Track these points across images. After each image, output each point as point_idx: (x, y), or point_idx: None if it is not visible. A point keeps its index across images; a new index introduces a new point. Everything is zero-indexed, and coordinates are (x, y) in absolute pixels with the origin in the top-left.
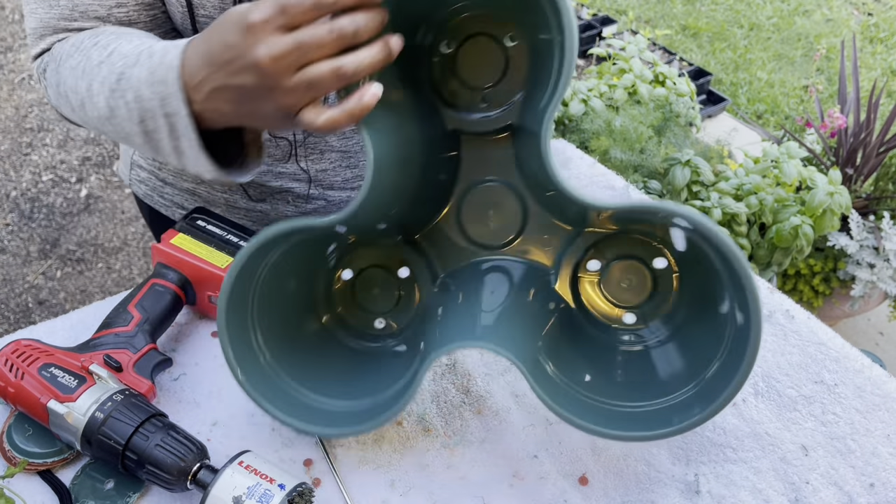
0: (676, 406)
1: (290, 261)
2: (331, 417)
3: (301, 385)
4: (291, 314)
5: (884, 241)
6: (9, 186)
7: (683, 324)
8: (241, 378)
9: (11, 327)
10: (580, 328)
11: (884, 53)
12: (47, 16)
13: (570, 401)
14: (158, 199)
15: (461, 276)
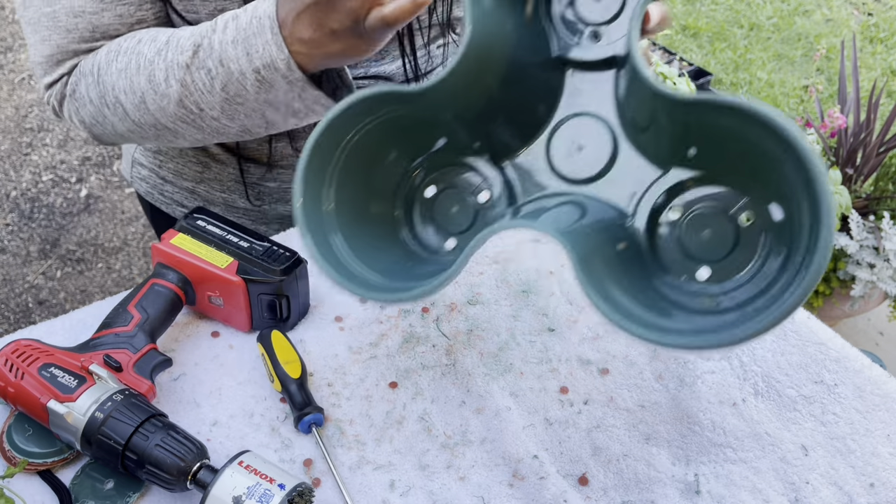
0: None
1: (381, 142)
2: (367, 283)
3: (349, 247)
4: (367, 190)
5: (884, 241)
6: (9, 186)
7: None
8: (298, 205)
9: (11, 327)
10: (647, 276)
11: (884, 53)
12: (65, 40)
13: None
14: (159, 197)
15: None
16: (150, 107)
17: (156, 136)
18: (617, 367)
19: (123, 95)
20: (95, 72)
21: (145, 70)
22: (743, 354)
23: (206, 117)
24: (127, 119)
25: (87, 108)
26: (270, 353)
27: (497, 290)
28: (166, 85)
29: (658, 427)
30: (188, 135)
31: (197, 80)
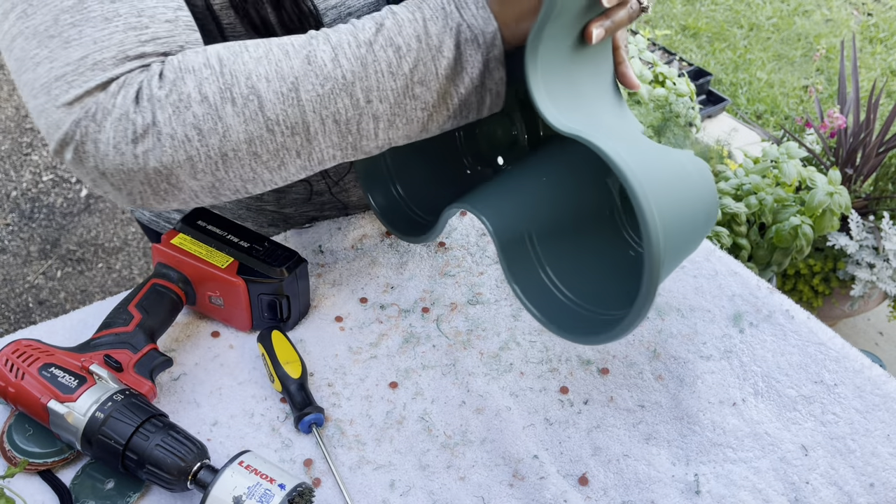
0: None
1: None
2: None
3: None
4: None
5: (883, 241)
6: (9, 186)
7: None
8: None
9: (12, 327)
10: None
11: (883, 53)
12: (103, 33)
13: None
14: (164, 225)
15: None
16: (304, 94)
17: (279, 147)
18: (617, 367)
19: (264, 83)
20: (215, 64)
21: (298, 54)
22: (743, 354)
23: (365, 116)
24: (258, 117)
25: (193, 110)
26: (271, 353)
27: (497, 290)
28: (334, 66)
29: (658, 427)
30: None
31: (381, 59)
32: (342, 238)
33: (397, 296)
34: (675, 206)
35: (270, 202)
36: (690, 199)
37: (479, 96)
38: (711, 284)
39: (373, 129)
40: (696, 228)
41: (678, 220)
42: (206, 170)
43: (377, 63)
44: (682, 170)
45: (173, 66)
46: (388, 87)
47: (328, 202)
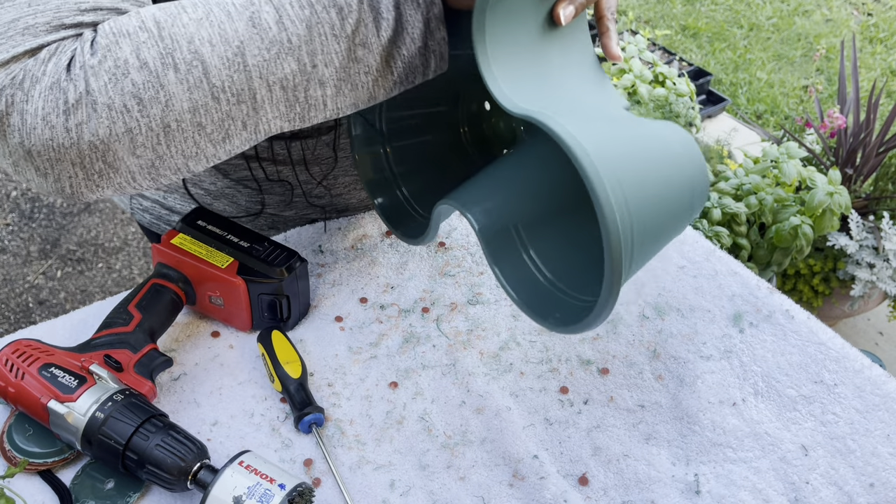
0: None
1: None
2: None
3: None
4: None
5: (883, 241)
6: (9, 186)
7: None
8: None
9: (12, 327)
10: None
11: (883, 53)
12: (54, 2)
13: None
14: (165, 227)
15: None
16: (251, 59)
17: (225, 116)
18: (617, 367)
19: (208, 48)
20: (151, 27)
21: (241, 15)
22: (743, 354)
23: (313, 81)
24: (202, 84)
25: (131, 77)
26: (271, 353)
27: (497, 290)
28: (279, 28)
29: (658, 427)
30: (272, 111)
31: (324, 21)
32: (342, 238)
33: (397, 296)
34: (646, 186)
35: (270, 206)
36: (668, 178)
37: (423, 58)
38: (711, 284)
39: (320, 95)
40: (676, 209)
41: (650, 200)
42: (147, 144)
43: (321, 25)
44: (660, 145)
45: (105, 30)
46: (332, 51)
47: (328, 205)
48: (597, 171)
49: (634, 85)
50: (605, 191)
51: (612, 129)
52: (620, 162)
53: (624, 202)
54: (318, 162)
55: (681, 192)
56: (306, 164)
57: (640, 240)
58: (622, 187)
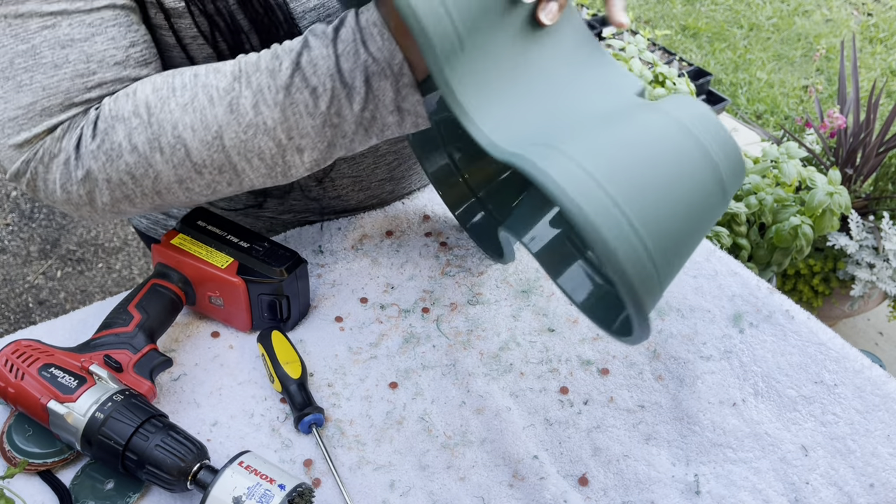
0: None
1: None
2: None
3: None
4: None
5: (883, 241)
6: (9, 186)
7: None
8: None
9: (11, 327)
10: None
11: (884, 53)
12: (52, 80)
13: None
14: (161, 231)
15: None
16: (227, 142)
17: (208, 183)
18: (617, 367)
19: (190, 133)
20: (143, 112)
21: (222, 101)
22: (743, 355)
23: (289, 149)
24: (185, 163)
25: (124, 159)
26: (271, 354)
27: (497, 290)
28: (255, 113)
29: (658, 427)
30: (252, 177)
31: (298, 102)
32: (342, 238)
33: (397, 296)
34: (659, 200)
35: (268, 208)
36: (683, 177)
37: (398, 118)
38: (711, 284)
39: (298, 159)
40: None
41: (666, 213)
42: (145, 202)
43: (295, 106)
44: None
45: (105, 114)
46: (307, 125)
47: (326, 207)
48: (588, 218)
49: None
50: (601, 235)
51: (609, 142)
52: (621, 184)
53: (630, 229)
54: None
55: (703, 189)
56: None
57: (664, 259)
58: (626, 214)
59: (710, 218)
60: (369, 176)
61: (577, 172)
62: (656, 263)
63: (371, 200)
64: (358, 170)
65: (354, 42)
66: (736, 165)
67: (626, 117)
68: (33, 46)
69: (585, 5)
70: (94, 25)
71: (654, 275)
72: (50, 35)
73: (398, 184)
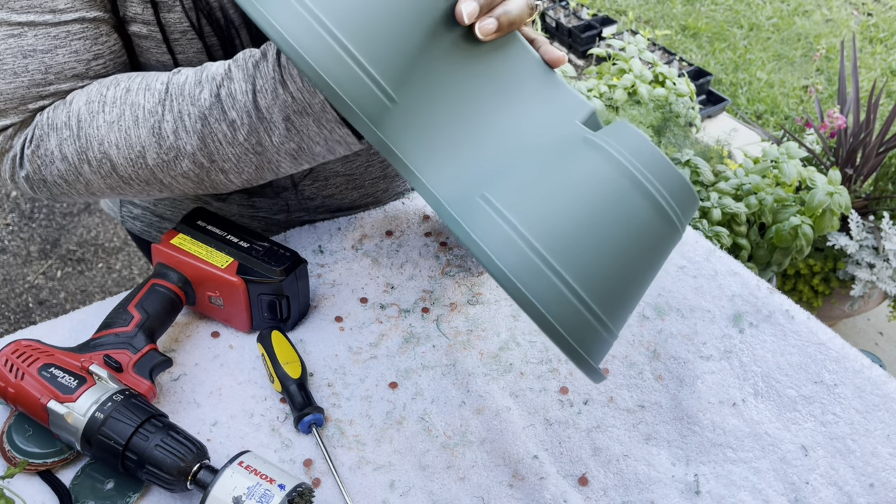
0: None
1: None
2: None
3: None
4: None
5: (883, 241)
6: (9, 186)
7: None
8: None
9: (11, 327)
10: None
11: (883, 53)
12: (11, 86)
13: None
14: (156, 234)
15: None
16: (150, 161)
17: (139, 191)
18: (617, 367)
19: (115, 150)
20: (73, 125)
21: (146, 122)
22: (743, 354)
23: (213, 170)
24: (112, 175)
25: (56, 165)
26: (270, 354)
27: (497, 290)
28: (175, 138)
29: (658, 427)
30: (182, 188)
31: (217, 132)
32: (342, 238)
33: (397, 296)
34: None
35: (262, 209)
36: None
37: (326, 148)
38: (711, 284)
39: (223, 179)
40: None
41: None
42: (83, 198)
43: (213, 135)
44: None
45: (42, 121)
46: (228, 153)
47: (320, 206)
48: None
49: (634, 85)
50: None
51: (540, 186)
52: (549, 234)
53: (561, 285)
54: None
55: (643, 226)
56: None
57: (605, 304)
58: (553, 267)
59: (658, 249)
60: (363, 174)
61: (502, 230)
62: (594, 311)
63: (366, 199)
64: (351, 168)
65: (273, 80)
66: (682, 193)
67: (562, 155)
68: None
69: (585, 5)
70: (59, 38)
71: (594, 322)
72: (14, 44)
73: (392, 182)
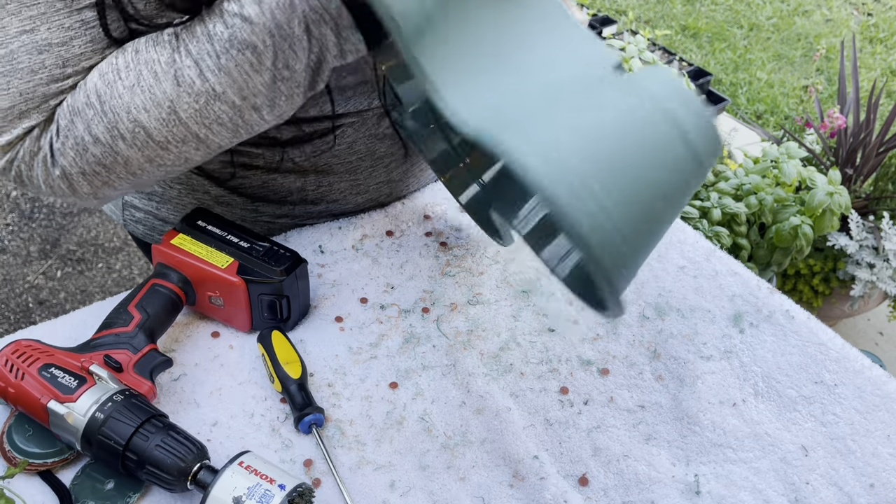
0: None
1: None
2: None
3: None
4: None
5: (883, 241)
6: (9, 186)
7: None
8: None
9: (12, 327)
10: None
11: (883, 53)
12: (29, 84)
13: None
14: (159, 238)
15: None
16: (183, 114)
17: (178, 157)
18: (617, 367)
19: (144, 114)
20: (95, 102)
21: (167, 75)
22: (743, 355)
23: (246, 109)
24: (149, 144)
25: (91, 152)
26: (271, 354)
27: (497, 291)
28: (202, 81)
29: (658, 427)
30: (219, 140)
31: (241, 62)
32: (342, 238)
33: (397, 296)
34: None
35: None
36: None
37: (344, 58)
38: (711, 284)
39: (257, 117)
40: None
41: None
42: (124, 183)
43: (240, 67)
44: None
45: (64, 110)
46: (257, 83)
47: (324, 211)
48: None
49: None
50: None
51: (578, 116)
52: (585, 158)
53: (595, 205)
54: (315, 170)
55: (674, 162)
56: (303, 172)
57: (635, 234)
58: (590, 188)
59: (685, 190)
60: (367, 179)
61: (540, 145)
62: (626, 239)
63: (369, 203)
64: (356, 173)
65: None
66: (710, 135)
67: (597, 90)
68: (11, 52)
69: (585, 5)
70: (73, 29)
71: (626, 252)
72: (28, 40)
73: (396, 186)
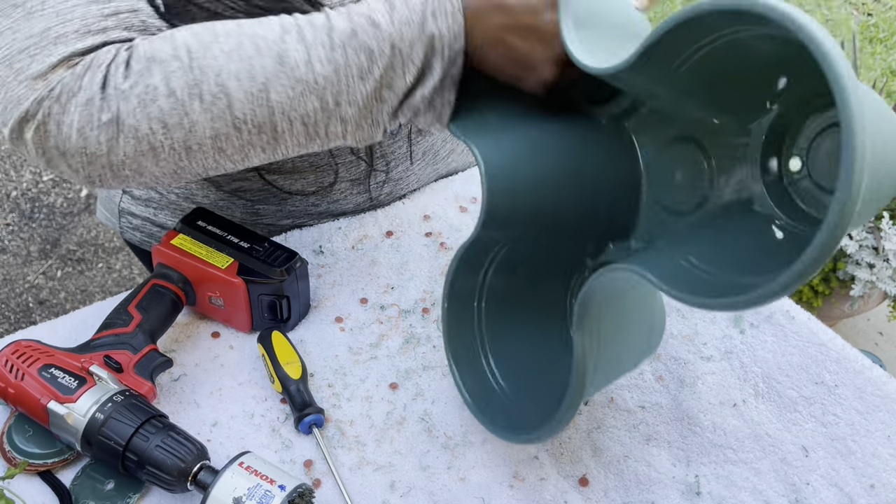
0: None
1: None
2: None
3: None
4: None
5: (883, 241)
6: (9, 186)
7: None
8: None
9: (12, 327)
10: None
11: (883, 54)
12: (66, 6)
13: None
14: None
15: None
16: (274, 97)
17: (241, 147)
18: None
19: (235, 82)
20: (183, 56)
21: (270, 51)
22: (743, 355)
23: (334, 117)
24: (225, 116)
25: (159, 104)
26: (271, 354)
27: None
28: (307, 69)
29: (658, 428)
30: (291, 144)
31: (353, 63)
32: (342, 238)
33: (397, 296)
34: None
35: (266, 215)
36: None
37: (428, 107)
38: None
39: (340, 131)
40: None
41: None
42: (169, 159)
43: (349, 67)
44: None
45: (140, 54)
46: (357, 91)
47: (325, 211)
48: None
49: None
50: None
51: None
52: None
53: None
54: (315, 170)
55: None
56: (303, 173)
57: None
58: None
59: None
60: (367, 179)
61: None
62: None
63: (369, 203)
64: (356, 173)
65: (424, 8)
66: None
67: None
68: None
69: None
70: None
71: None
72: None
73: (396, 185)
